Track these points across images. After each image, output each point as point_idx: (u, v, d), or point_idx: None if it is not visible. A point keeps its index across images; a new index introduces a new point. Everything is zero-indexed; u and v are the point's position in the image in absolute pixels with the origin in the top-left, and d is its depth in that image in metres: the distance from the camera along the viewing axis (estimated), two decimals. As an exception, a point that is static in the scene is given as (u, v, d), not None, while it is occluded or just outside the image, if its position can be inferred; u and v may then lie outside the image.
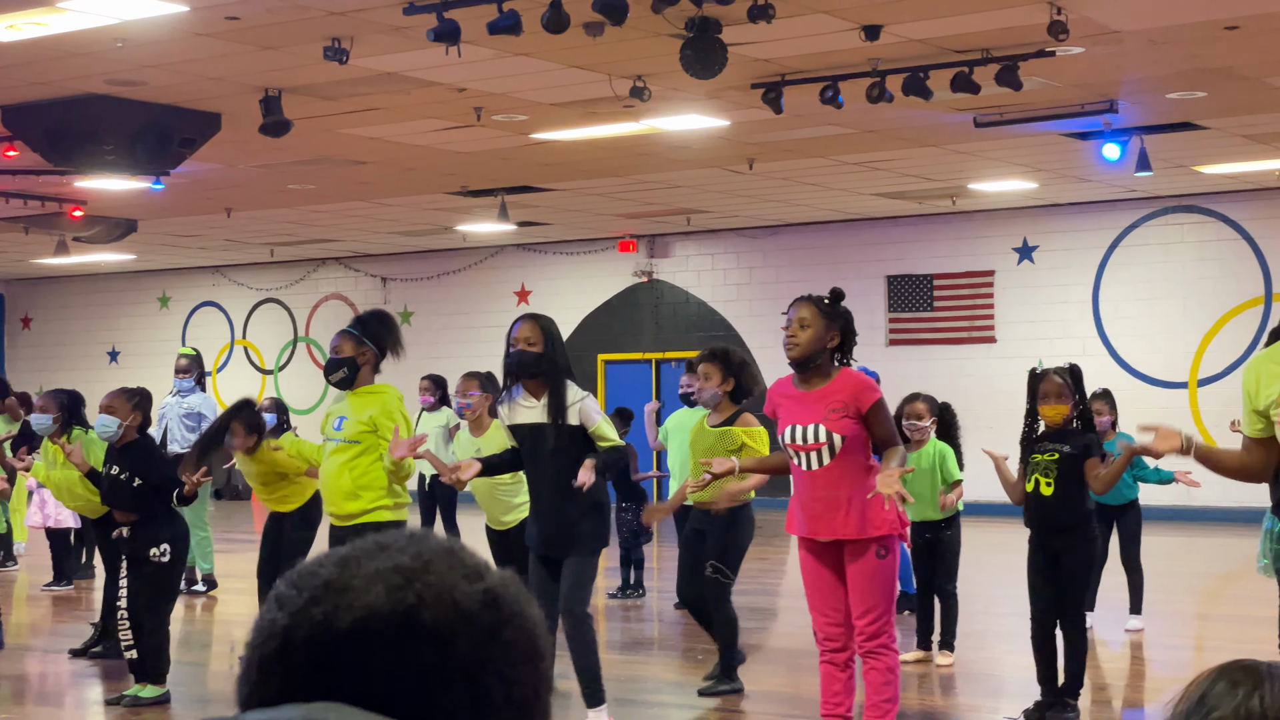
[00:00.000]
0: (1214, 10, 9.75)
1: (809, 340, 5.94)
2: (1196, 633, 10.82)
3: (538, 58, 10.74)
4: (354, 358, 7.23)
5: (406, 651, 1.15)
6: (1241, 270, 18.33)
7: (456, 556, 1.21)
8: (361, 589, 1.17)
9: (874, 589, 6.01)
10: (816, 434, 5.90)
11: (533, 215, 19.65)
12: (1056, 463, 7.23)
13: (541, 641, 1.22)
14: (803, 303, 6.03)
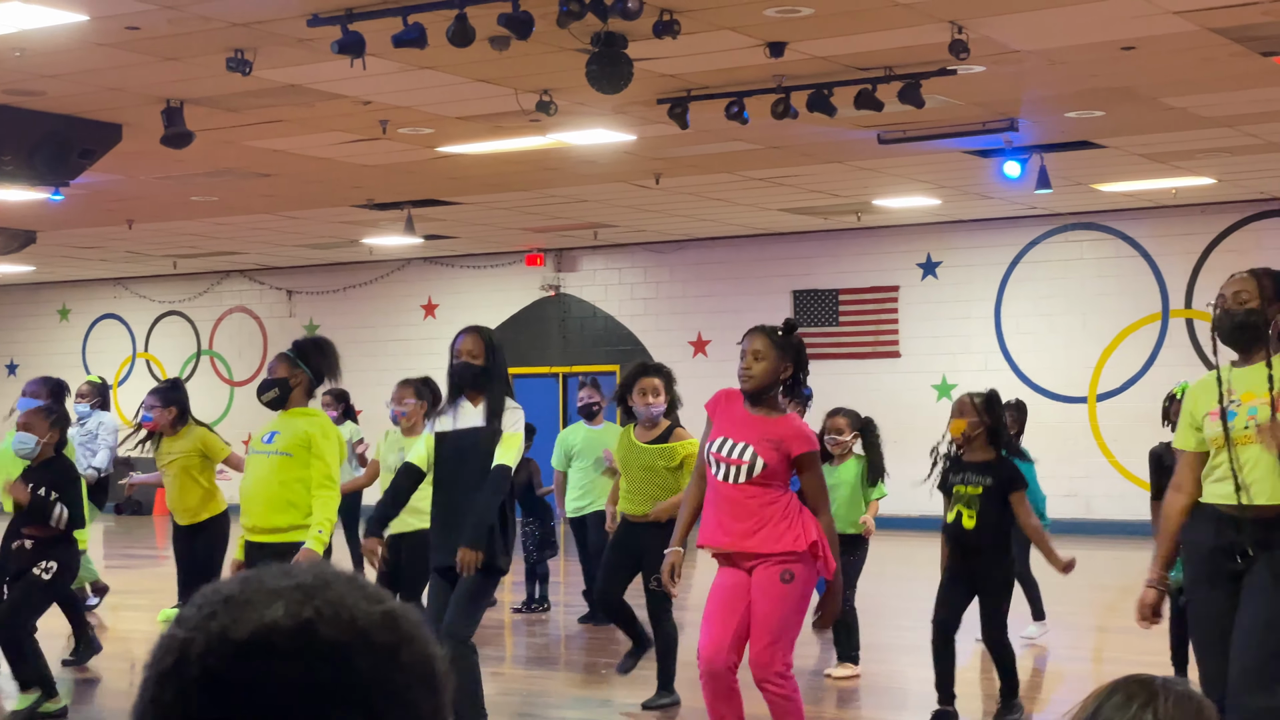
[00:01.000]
0: (1111, 31, 9.91)
1: (763, 372, 5.95)
2: (1095, 645, 10.97)
3: (443, 71, 10.72)
4: (286, 379, 7.35)
5: (303, 666, 1.15)
6: (1139, 287, 18.63)
7: (356, 581, 1.22)
8: (261, 604, 1.17)
9: (776, 615, 5.88)
10: (744, 452, 5.90)
11: (439, 228, 19.58)
12: (980, 497, 7.38)
13: (440, 671, 1.21)
14: (757, 334, 6.04)
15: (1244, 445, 5.25)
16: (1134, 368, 18.58)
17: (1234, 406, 5.29)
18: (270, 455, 7.27)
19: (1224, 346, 5.52)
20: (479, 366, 6.84)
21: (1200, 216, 18.19)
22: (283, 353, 7.48)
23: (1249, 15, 9.50)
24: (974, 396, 7.61)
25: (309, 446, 7.22)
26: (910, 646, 9.49)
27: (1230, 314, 5.38)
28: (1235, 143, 14.01)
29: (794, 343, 6.04)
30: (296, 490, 7.22)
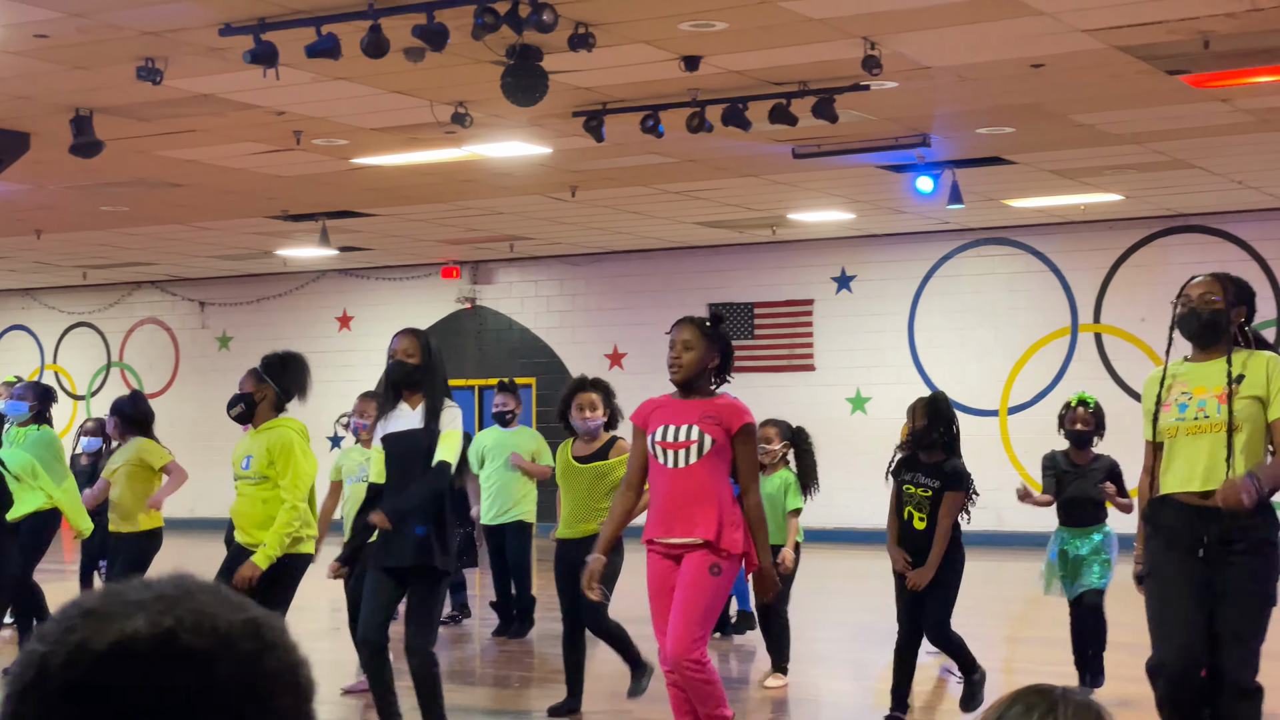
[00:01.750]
0: (1021, 49, 10.04)
1: (692, 361, 6.14)
2: (1005, 655, 11.07)
3: (358, 82, 10.67)
4: (252, 394, 7.56)
5: (164, 673, 1.15)
6: (1049, 301, 18.86)
7: (220, 591, 1.23)
8: (121, 615, 1.17)
9: (699, 605, 6.03)
10: (689, 433, 6.07)
11: (354, 240, 19.48)
12: (929, 500, 7.62)
13: (306, 679, 1.22)
14: (685, 324, 6.22)
15: (1195, 435, 5.62)
16: (1044, 381, 18.80)
17: (1185, 399, 5.63)
18: (251, 483, 7.53)
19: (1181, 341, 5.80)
20: (414, 365, 6.93)
21: (1108, 232, 18.45)
22: (253, 368, 7.68)
23: (1155, 34, 9.65)
24: (921, 399, 7.94)
25: (273, 463, 7.45)
26: (823, 658, 9.55)
27: (1198, 313, 5.70)
28: (1142, 160, 14.23)
29: (721, 334, 6.25)
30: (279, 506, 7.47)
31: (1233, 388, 5.57)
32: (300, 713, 1.21)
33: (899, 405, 19.41)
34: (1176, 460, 5.65)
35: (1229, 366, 5.59)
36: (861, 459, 18.21)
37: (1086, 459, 8.34)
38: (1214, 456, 5.56)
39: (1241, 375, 5.60)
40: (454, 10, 8.69)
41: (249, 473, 7.53)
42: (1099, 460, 8.36)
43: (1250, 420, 5.59)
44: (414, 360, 6.93)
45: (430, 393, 6.92)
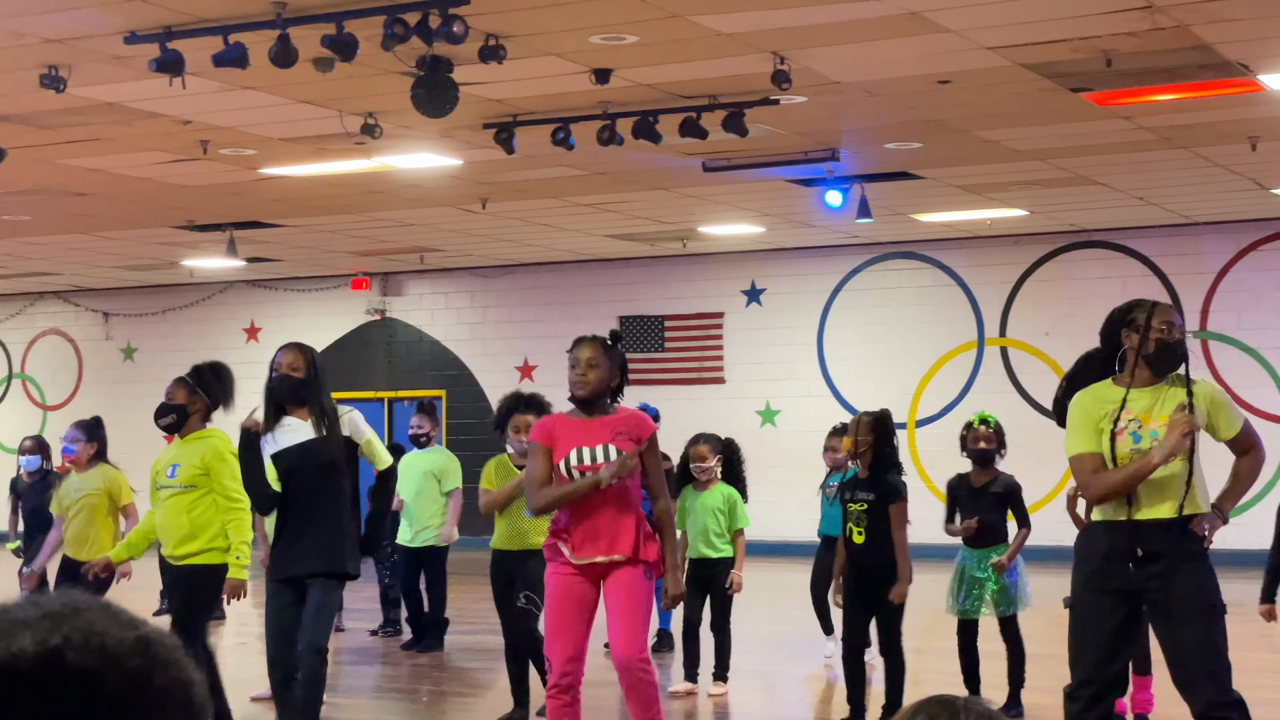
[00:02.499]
0: (927, 65, 10.15)
1: (598, 379, 6.20)
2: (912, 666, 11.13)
3: (266, 92, 10.59)
4: (184, 405, 7.56)
5: (50, 692, 1.13)
6: (956, 315, 19.05)
7: (111, 608, 1.21)
8: (7, 633, 1.16)
9: (640, 609, 6.18)
10: (606, 453, 6.11)
11: (262, 251, 19.32)
12: (866, 513, 7.81)
13: (198, 696, 1.21)
14: (587, 343, 6.27)
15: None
16: (951, 394, 18.98)
17: (1135, 427, 5.64)
18: (175, 492, 7.46)
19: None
20: (299, 379, 6.93)
21: (1014, 247, 18.67)
22: (180, 378, 7.66)
23: (1058, 52, 9.79)
24: (863, 415, 8.01)
25: (207, 473, 7.42)
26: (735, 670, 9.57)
27: (1174, 347, 5.71)
28: (1047, 176, 14.42)
29: (620, 353, 6.34)
30: (205, 517, 7.44)
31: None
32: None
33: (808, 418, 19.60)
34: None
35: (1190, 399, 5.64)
36: (772, 472, 18.32)
37: (988, 478, 8.43)
38: (1172, 484, 5.62)
39: (1188, 405, 5.67)
40: (363, 21, 8.65)
41: (174, 481, 7.46)
42: (997, 480, 8.45)
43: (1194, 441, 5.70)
44: (299, 374, 6.95)
45: (319, 401, 6.96)
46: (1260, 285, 17.65)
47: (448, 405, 21.66)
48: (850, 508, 7.89)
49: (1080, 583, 5.83)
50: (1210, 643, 5.57)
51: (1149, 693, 7.93)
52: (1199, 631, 5.57)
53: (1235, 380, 17.66)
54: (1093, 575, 5.75)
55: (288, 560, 6.90)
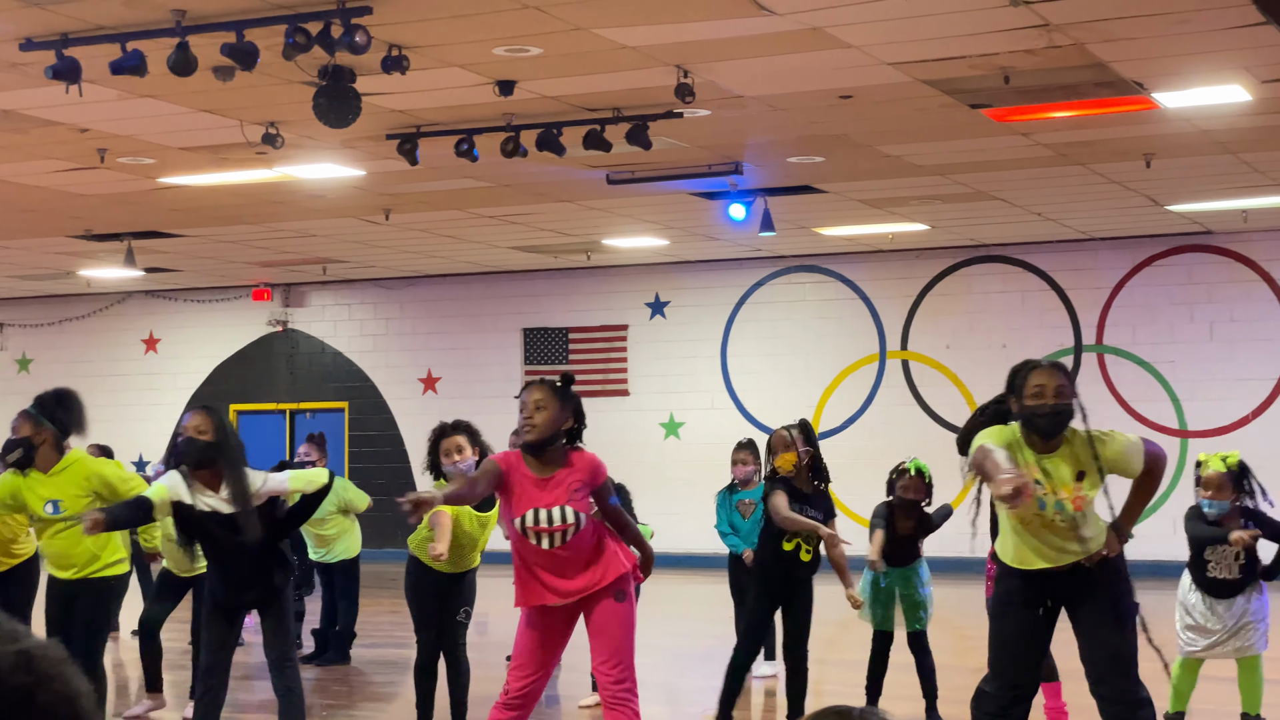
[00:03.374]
0: (829, 80, 10.23)
1: (545, 422, 6.03)
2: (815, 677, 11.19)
3: (165, 100, 10.48)
4: (30, 438, 7.39)
5: None
6: (858, 328, 19.21)
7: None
8: None
9: (615, 633, 6.14)
10: (564, 515, 5.99)
11: (161, 261, 19.08)
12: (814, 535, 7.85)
13: (85, 710, 1.17)
14: (536, 385, 6.14)
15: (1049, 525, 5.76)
16: (853, 407, 19.13)
17: (1042, 494, 5.74)
18: (67, 525, 7.32)
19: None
20: (205, 441, 6.85)
21: (915, 261, 18.86)
22: (25, 410, 7.47)
23: (958, 69, 9.91)
24: (790, 429, 8.02)
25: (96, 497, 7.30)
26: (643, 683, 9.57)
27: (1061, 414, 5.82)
28: (947, 190, 14.58)
29: (573, 395, 6.20)
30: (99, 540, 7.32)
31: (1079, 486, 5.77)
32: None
33: (712, 430, 19.64)
34: (1028, 542, 5.82)
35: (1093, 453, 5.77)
36: (675, 484, 18.38)
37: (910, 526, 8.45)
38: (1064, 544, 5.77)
39: (1082, 472, 5.79)
40: (264, 29, 8.58)
41: (59, 515, 7.34)
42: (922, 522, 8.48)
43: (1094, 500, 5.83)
44: (205, 437, 6.85)
45: (230, 469, 6.85)
46: (1155, 300, 17.95)
47: (350, 418, 21.51)
48: None
49: (1000, 593, 5.93)
50: (1123, 648, 5.72)
51: (1060, 700, 8.03)
52: (1111, 637, 5.69)
53: (1130, 394, 17.96)
54: (1012, 589, 5.90)
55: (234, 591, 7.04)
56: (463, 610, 8.10)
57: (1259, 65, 9.87)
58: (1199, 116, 11.37)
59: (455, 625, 8.12)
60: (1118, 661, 5.70)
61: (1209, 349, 17.72)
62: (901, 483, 8.34)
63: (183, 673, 9.57)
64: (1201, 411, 17.52)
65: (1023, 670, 5.84)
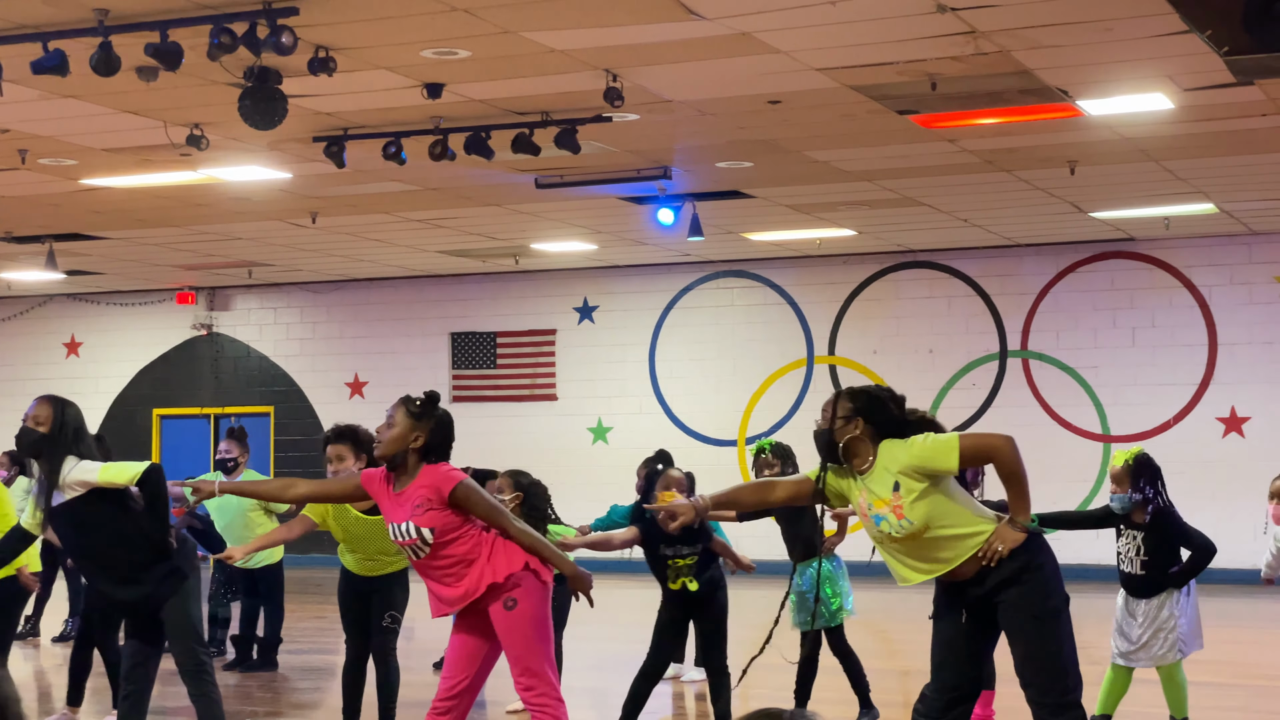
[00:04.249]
0: (758, 85, 10.26)
1: (391, 439, 6.12)
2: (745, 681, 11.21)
3: (88, 101, 10.35)
4: None
5: None
6: (786, 333, 19.28)
7: None
8: None
9: (515, 643, 6.12)
10: (409, 531, 6.08)
11: (84, 264, 18.86)
12: (696, 564, 7.93)
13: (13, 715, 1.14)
14: (398, 404, 6.20)
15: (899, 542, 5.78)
16: (781, 411, 19.19)
17: (871, 509, 5.79)
18: None
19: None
20: (39, 433, 6.85)
21: (842, 267, 18.96)
22: None
23: (885, 75, 9.97)
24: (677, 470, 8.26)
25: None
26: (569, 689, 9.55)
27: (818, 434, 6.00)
28: (874, 196, 14.66)
29: (432, 414, 6.16)
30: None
31: (896, 496, 5.69)
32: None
33: (640, 435, 19.66)
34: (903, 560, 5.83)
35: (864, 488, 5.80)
36: (603, 489, 18.32)
37: None
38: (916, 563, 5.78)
39: (896, 483, 5.70)
40: (189, 29, 8.49)
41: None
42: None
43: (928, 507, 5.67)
44: (43, 429, 6.84)
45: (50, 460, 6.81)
46: (1078, 306, 18.13)
47: (276, 422, 21.34)
48: (677, 563, 7.92)
49: (939, 592, 5.97)
50: (1051, 651, 5.71)
51: (990, 709, 8.08)
52: (1039, 642, 5.71)
53: (1054, 398, 18.13)
54: (943, 597, 5.94)
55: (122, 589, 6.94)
56: (388, 615, 8.04)
57: (1181, 73, 10.00)
58: (1122, 124, 11.49)
59: (383, 631, 8.06)
60: (1039, 662, 5.72)
61: (1131, 354, 17.92)
62: (757, 463, 8.67)
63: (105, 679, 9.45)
64: (1124, 416, 17.71)
65: (955, 673, 5.87)
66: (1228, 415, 17.53)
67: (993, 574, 5.69)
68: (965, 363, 18.52)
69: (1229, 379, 17.54)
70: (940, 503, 5.69)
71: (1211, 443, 17.48)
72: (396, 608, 8.08)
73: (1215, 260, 17.64)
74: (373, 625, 8.07)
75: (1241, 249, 17.54)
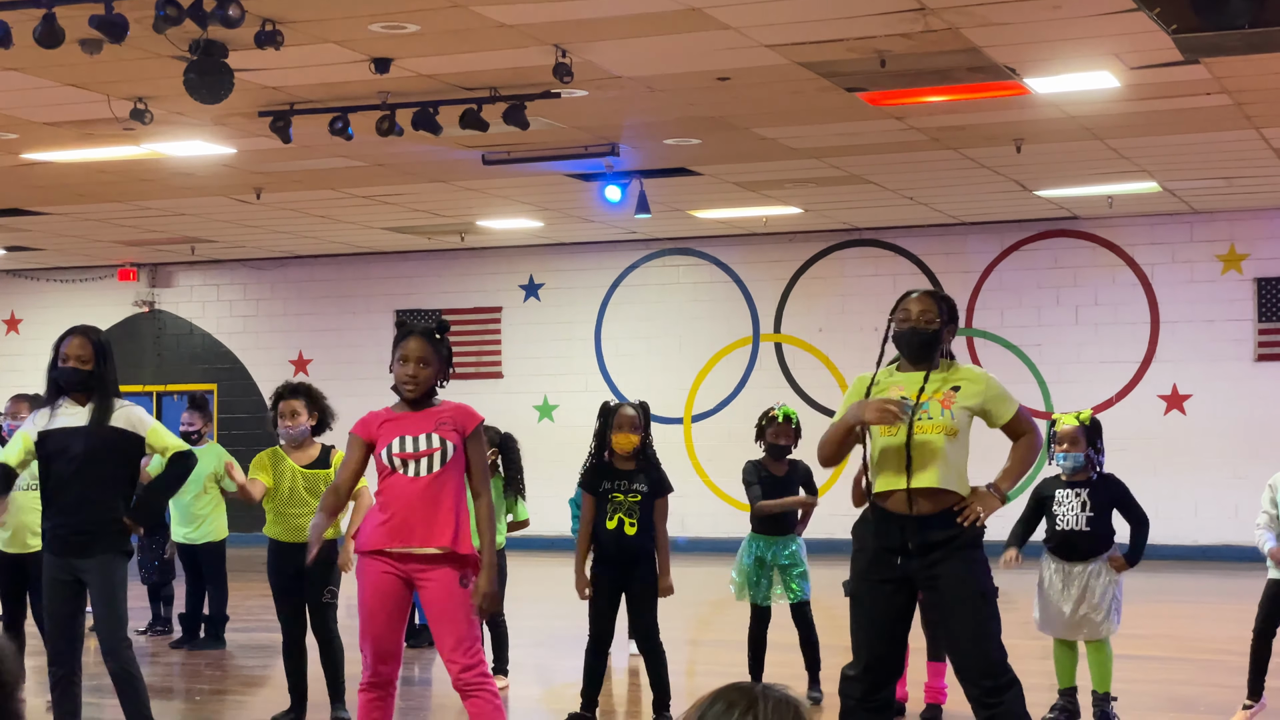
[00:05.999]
0: (707, 62, 10.25)
1: (429, 378, 6.05)
2: (688, 658, 11.26)
3: (29, 73, 10.22)
4: None
5: None
6: (732, 311, 19.30)
7: None
8: None
9: (460, 619, 5.95)
10: (430, 441, 5.95)
11: (23, 240, 18.65)
12: (639, 505, 7.76)
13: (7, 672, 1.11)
14: (416, 339, 6.06)
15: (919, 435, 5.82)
16: (727, 389, 19.23)
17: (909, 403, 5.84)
18: None
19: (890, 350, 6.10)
20: (86, 372, 6.71)
21: (788, 244, 18.99)
22: None
23: (834, 51, 9.97)
24: (632, 407, 7.93)
25: None
26: (511, 664, 9.55)
27: (920, 331, 5.95)
28: (821, 174, 14.69)
29: (446, 344, 6.20)
30: None
31: (951, 395, 5.87)
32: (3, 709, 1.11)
33: (586, 413, 19.54)
34: (891, 460, 5.83)
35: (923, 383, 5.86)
36: (549, 467, 18.31)
37: (784, 469, 8.53)
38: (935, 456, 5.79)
39: (957, 385, 5.89)
40: (134, 1, 8.39)
41: None
42: (795, 468, 8.55)
43: (963, 428, 5.86)
44: (87, 367, 6.71)
45: (101, 394, 6.72)
46: (1022, 284, 18.25)
47: (219, 399, 21.20)
48: (618, 498, 7.78)
49: (857, 572, 5.95)
50: (982, 630, 5.72)
51: (942, 680, 8.10)
52: (970, 619, 5.72)
53: (998, 376, 18.16)
54: (869, 565, 5.89)
55: (55, 542, 6.75)
56: (327, 591, 7.95)
57: (1128, 51, 10.06)
58: (1068, 102, 11.55)
59: (322, 607, 7.98)
60: (980, 640, 5.73)
61: (1074, 332, 18.06)
62: (771, 429, 8.49)
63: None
64: (1067, 394, 17.84)
65: (885, 648, 5.86)
66: (1169, 393, 17.70)
67: (937, 548, 5.71)
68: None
69: (1171, 357, 17.71)
70: (966, 427, 5.88)
71: (1153, 420, 17.64)
72: (333, 581, 7.96)
73: (1158, 239, 17.79)
74: (310, 604, 7.99)
75: (1184, 228, 17.70)
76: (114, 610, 6.75)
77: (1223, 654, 10.51)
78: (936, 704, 8.13)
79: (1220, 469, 17.16)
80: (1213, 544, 17.16)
